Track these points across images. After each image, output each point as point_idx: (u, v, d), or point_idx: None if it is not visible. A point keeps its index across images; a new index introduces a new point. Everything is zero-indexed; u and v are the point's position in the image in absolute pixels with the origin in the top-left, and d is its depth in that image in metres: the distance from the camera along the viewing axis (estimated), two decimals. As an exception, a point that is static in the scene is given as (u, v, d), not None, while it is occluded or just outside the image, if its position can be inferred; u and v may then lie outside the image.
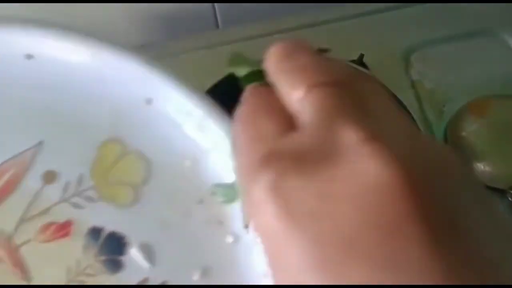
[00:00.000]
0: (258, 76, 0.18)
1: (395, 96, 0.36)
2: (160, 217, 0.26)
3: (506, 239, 0.14)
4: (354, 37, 0.46)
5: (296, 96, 0.16)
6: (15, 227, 0.25)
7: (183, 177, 0.26)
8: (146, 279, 0.25)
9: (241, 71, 0.19)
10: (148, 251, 0.25)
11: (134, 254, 0.25)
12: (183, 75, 0.30)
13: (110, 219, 0.26)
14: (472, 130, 0.39)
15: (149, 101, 0.27)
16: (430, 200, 0.13)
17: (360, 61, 0.41)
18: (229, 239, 0.26)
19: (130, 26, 0.50)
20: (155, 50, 0.46)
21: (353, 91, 0.15)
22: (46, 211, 0.26)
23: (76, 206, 0.26)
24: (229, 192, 0.24)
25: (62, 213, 0.26)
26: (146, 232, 0.26)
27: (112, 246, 0.25)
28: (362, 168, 0.13)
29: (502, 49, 0.44)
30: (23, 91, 0.27)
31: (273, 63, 0.17)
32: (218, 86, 0.39)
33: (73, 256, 0.25)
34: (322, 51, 0.19)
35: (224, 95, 0.23)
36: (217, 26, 0.53)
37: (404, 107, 0.40)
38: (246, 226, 0.20)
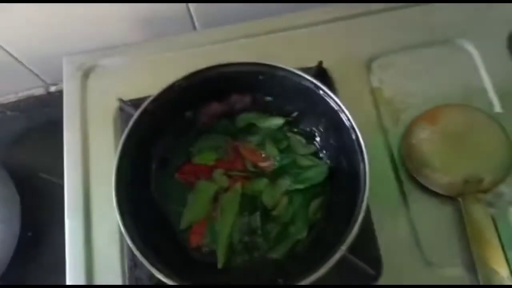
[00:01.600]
0: None
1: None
2: None
3: None
4: (318, 44, 0.47)
5: None
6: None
7: None
8: None
9: None
10: None
11: None
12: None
13: None
14: (422, 138, 0.40)
15: None
16: None
17: (319, 68, 0.42)
18: None
19: (110, 26, 0.51)
20: (133, 50, 0.48)
21: None
22: None
23: None
24: None
25: None
26: None
27: None
28: None
29: (461, 59, 0.45)
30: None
31: None
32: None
33: None
34: None
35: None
36: (194, 28, 0.54)
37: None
38: None
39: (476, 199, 0.38)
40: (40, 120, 0.63)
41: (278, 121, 0.39)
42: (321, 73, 0.42)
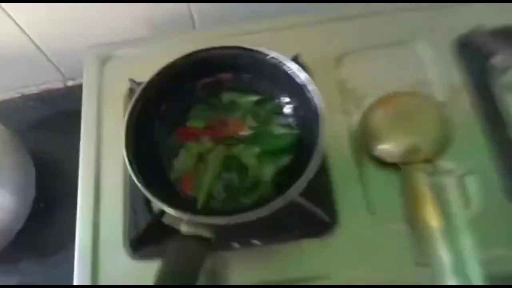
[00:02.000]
0: None
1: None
2: None
3: None
4: (299, 42, 0.55)
5: None
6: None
7: None
8: None
9: None
10: None
11: None
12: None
13: None
14: (375, 117, 0.49)
15: None
16: None
17: (296, 60, 0.51)
18: None
19: (123, 24, 0.60)
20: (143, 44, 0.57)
21: None
22: None
23: None
24: None
25: None
26: None
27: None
28: None
29: (413, 58, 0.55)
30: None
31: None
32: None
33: None
34: None
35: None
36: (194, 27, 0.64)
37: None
38: None
39: (416, 168, 0.47)
40: (57, 110, 0.71)
41: (253, 97, 0.49)
42: (297, 64, 0.52)
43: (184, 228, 0.39)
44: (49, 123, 0.70)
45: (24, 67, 0.66)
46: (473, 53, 0.53)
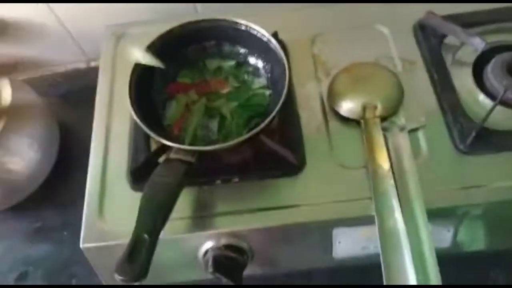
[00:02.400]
0: None
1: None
2: None
3: None
4: (281, 25, 0.65)
5: None
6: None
7: None
8: None
9: None
10: None
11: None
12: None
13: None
14: (339, 80, 0.58)
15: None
16: None
17: (275, 36, 0.61)
18: None
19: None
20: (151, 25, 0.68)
21: None
22: None
23: None
24: None
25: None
26: None
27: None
28: None
29: (378, 37, 0.64)
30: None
31: None
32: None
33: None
34: None
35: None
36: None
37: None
38: None
39: (373, 122, 0.55)
40: (81, 86, 0.83)
41: (232, 62, 0.60)
42: (277, 41, 0.62)
43: (171, 155, 0.49)
44: (74, 97, 0.82)
45: (54, 48, 0.79)
46: (429, 34, 0.62)
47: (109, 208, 0.55)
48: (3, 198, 0.69)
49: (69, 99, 0.83)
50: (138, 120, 0.50)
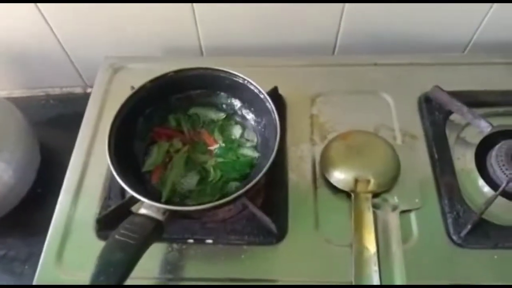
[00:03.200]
0: None
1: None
2: None
3: None
4: (283, 81, 0.63)
5: None
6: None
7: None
8: None
9: None
10: None
11: None
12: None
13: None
14: (333, 147, 0.55)
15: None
16: None
17: (275, 91, 0.59)
18: None
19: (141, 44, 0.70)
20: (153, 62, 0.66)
21: None
22: None
23: None
24: None
25: None
26: None
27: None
28: None
29: (381, 106, 0.61)
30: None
31: None
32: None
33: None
34: None
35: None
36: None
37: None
38: None
39: (364, 197, 0.52)
40: (73, 111, 0.80)
41: (220, 114, 0.58)
42: (276, 96, 0.59)
43: (142, 210, 0.45)
44: (64, 121, 0.79)
45: (52, 69, 0.77)
46: (434, 108, 0.60)
47: (70, 254, 0.51)
48: (-31, 221, 0.65)
49: (58, 122, 0.80)
50: (113, 170, 0.47)
